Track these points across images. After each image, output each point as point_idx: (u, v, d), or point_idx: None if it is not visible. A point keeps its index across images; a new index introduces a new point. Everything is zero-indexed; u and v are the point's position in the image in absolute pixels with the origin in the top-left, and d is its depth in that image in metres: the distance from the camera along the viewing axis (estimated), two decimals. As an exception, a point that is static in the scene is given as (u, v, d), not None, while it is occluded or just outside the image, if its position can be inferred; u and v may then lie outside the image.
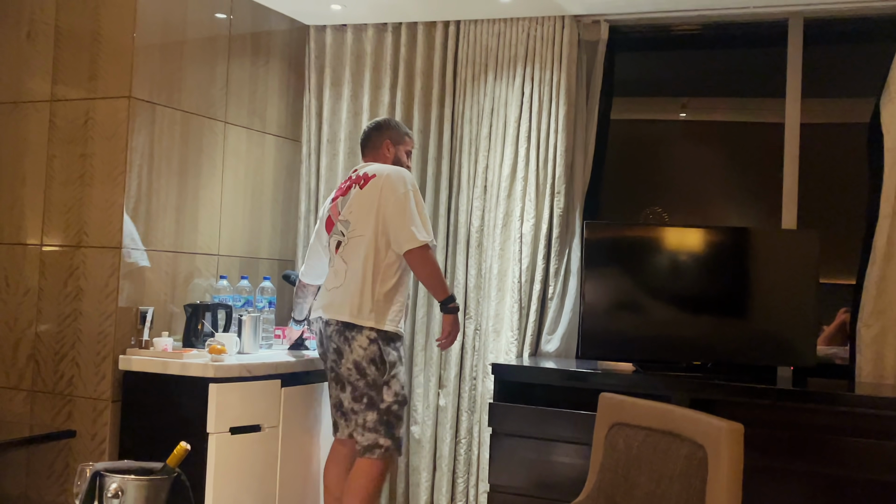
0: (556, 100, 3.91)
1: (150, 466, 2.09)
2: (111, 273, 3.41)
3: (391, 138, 3.60)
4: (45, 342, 3.54)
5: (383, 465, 3.35)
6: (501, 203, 3.96)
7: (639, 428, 2.27)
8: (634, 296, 3.60)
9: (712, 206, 4.44)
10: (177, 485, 2.15)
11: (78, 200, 3.52)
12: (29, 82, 3.65)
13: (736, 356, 3.48)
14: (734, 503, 1.94)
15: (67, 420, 3.45)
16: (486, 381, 3.91)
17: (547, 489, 3.33)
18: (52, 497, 3.47)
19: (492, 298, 3.96)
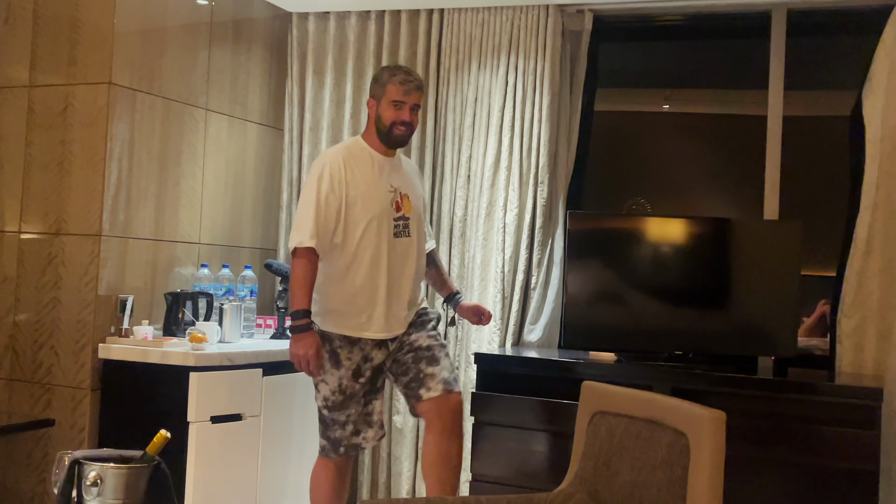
0: (539, 89, 3.90)
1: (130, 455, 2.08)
2: (91, 261, 3.38)
3: (372, 94, 3.13)
4: (24, 330, 3.50)
5: (320, 462, 3.14)
6: (485, 192, 3.95)
7: (621, 416, 2.28)
8: (617, 286, 3.60)
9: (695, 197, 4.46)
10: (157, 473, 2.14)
11: (57, 187, 3.48)
12: (7, 68, 3.60)
13: (717, 346, 3.50)
14: (716, 490, 1.95)
15: (46, 409, 3.42)
16: (468, 370, 3.90)
17: (529, 478, 3.33)
18: (30, 486, 3.44)
19: (475, 288, 3.95)
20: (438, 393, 2.94)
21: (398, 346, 3.08)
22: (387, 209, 3.02)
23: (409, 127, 3.04)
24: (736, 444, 2.31)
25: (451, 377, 3.02)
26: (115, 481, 1.96)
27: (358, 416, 3.05)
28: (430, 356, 3.03)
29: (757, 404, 3.16)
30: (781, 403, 3.14)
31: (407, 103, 3.00)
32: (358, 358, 3.03)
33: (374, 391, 3.10)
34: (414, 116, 3.05)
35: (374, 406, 3.10)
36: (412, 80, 3.03)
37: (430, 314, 3.21)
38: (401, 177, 3.12)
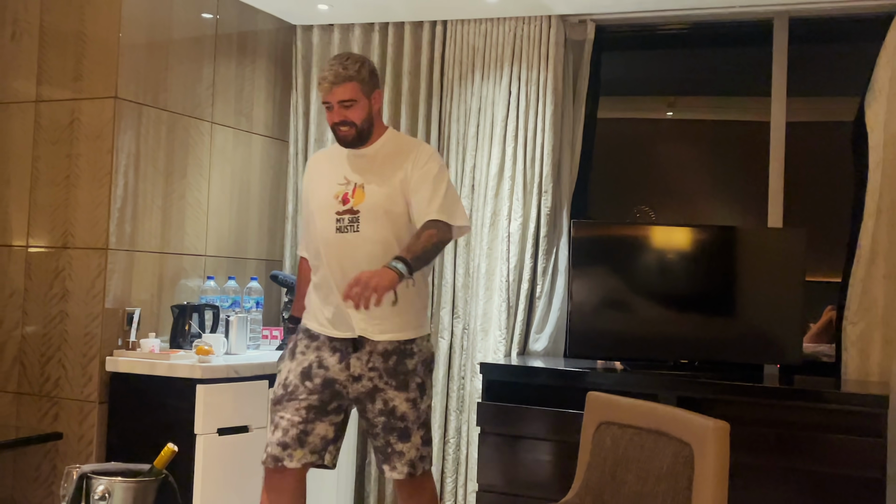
0: (542, 99, 3.91)
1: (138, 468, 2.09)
2: (97, 274, 3.40)
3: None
4: (31, 344, 3.52)
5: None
6: (489, 202, 3.97)
7: (626, 427, 2.28)
8: (622, 294, 3.61)
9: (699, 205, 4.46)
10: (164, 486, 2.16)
11: (64, 201, 3.50)
12: (14, 83, 3.63)
13: (723, 354, 3.50)
14: (721, 501, 1.95)
15: (54, 422, 3.44)
16: (474, 380, 3.91)
17: (535, 488, 3.33)
18: (38, 500, 3.45)
19: (480, 297, 3.96)
20: (402, 477, 2.71)
21: (370, 391, 2.71)
22: (329, 203, 2.74)
23: (351, 126, 2.70)
24: (742, 453, 2.31)
25: (419, 456, 2.71)
26: (124, 495, 1.97)
27: (292, 426, 2.68)
28: (403, 429, 2.69)
29: (763, 412, 3.16)
30: (787, 411, 3.14)
31: (333, 104, 2.70)
32: (312, 357, 2.73)
33: (321, 412, 2.71)
34: (349, 113, 2.68)
35: (314, 427, 2.70)
36: (326, 77, 2.69)
37: (415, 357, 2.74)
38: (367, 167, 2.76)
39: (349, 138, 2.73)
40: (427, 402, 2.76)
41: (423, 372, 2.76)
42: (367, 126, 2.74)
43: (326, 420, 2.71)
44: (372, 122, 2.76)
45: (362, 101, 2.70)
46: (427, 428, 2.77)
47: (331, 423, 2.72)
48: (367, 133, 2.75)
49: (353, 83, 2.68)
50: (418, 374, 2.73)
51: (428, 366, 2.79)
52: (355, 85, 2.69)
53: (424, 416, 2.75)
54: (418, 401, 2.72)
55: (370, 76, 2.73)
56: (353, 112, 2.70)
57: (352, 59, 2.71)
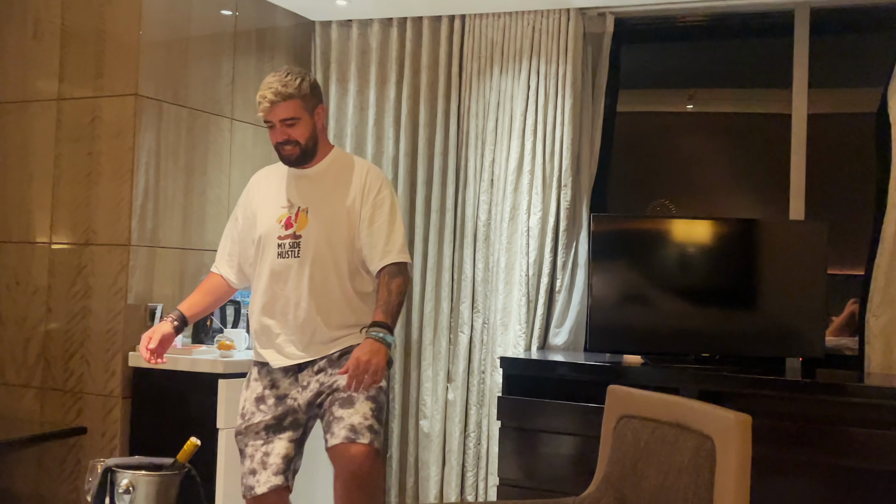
0: (561, 93, 3.90)
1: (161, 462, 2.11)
2: (120, 270, 3.43)
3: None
4: (55, 340, 3.55)
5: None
6: (508, 196, 3.96)
7: (647, 420, 2.27)
8: (642, 288, 3.60)
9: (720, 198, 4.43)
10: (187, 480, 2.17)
11: (85, 198, 3.53)
12: (35, 81, 3.66)
13: (744, 348, 3.48)
14: (743, 494, 1.94)
15: (78, 417, 3.47)
16: (494, 374, 3.91)
17: (555, 482, 3.33)
18: (63, 494, 3.49)
19: (499, 292, 3.96)
20: (339, 441, 2.51)
21: (317, 391, 2.64)
22: (272, 227, 2.67)
23: (295, 144, 2.61)
24: (764, 446, 2.30)
25: (363, 425, 2.53)
26: (147, 488, 1.98)
27: (256, 450, 2.65)
28: (345, 398, 2.57)
29: (785, 406, 3.14)
30: (810, 405, 3.11)
31: (275, 123, 2.60)
32: (265, 381, 2.70)
33: (278, 429, 2.66)
34: (292, 131, 2.59)
35: (273, 447, 2.64)
36: (265, 95, 2.58)
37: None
38: (311, 189, 2.68)
39: (293, 157, 2.64)
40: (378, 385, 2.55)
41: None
42: (312, 144, 2.65)
43: (284, 437, 2.65)
44: (317, 139, 2.66)
45: (305, 118, 2.60)
46: (378, 407, 2.58)
47: (289, 440, 2.66)
48: (312, 151, 2.66)
49: (295, 100, 2.57)
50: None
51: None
52: (297, 102, 2.58)
53: (374, 391, 2.57)
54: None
55: (312, 91, 2.63)
56: (296, 130, 2.60)
57: (292, 74, 2.60)
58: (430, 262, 4.13)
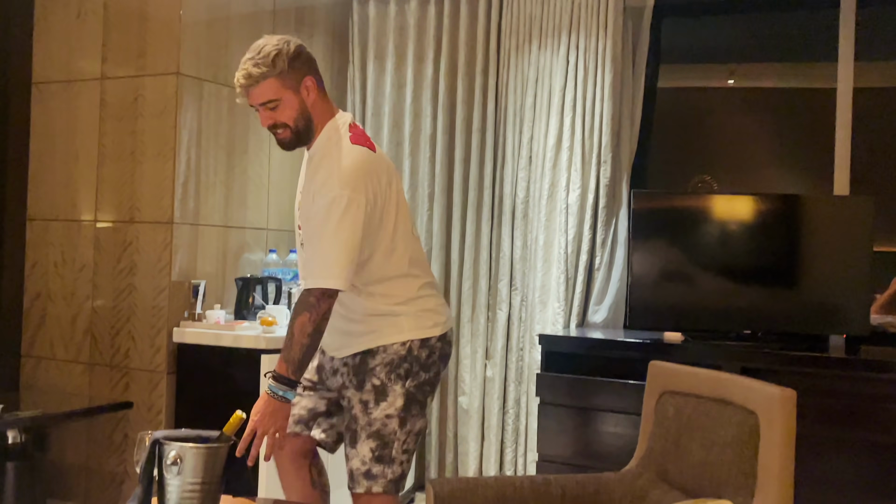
0: (601, 68, 3.86)
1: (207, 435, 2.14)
2: (164, 248, 3.47)
3: None
4: (102, 316, 3.62)
5: None
6: (547, 173, 3.95)
7: (689, 396, 2.27)
8: (683, 265, 3.57)
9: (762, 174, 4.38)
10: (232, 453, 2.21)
11: (129, 177, 3.58)
12: (80, 62, 3.71)
13: (787, 325, 3.45)
14: (787, 469, 1.93)
15: (125, 392, 3.54)
16: (532, 351, 3.92)
17: (595, 458, 3.34)
18: (111, 467, 3.57)
19: (538, 270, 3.95)
20: (346, 485, 2.39)
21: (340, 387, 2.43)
22: (296, 216, 2.48)
23: (284, 127, 2.29)
24: (807, 424, 2.28)
25: (361, 471, 2.34)
26: (195, 460, 2.01)
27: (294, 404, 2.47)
28: (353, 433, 2.36)
29: (829, 383, 3.11)
30: (854, 382, 3.08)
31: (255, 107, 2.31)
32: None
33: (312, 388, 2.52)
34: (277, 115, 2.27)
35: (300, 399, 2.50)
36: (238, 79, 2.28)
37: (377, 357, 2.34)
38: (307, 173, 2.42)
39: (287, 141, 2.32)
40: (386, 410, 2.31)
41: (385, 374, 2.32)
42: (304, 124, 2.30)
43: (316, 394, 2.50)
44: (309, 117, 2.30)
45: (288, 97, 2.25)
46: (383, 442, 2.31)
47: (321, 396, 2.50)
48: (307, 130, 2.31)
49: (270, 80, 2.22)
50: (376, 375, 2.33)
51: (394, 369, 2.32)
52: (272, 82, 2.23)
53: (379, 425, 2.31)
54: (370, 405, 2.32)
55: (290, 66, 2.24)
56: (281, 113, 2.26)
57: (263, 52, 2.24)
58: (468, 240, 4.13)
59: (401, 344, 2.34)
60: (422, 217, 4.22)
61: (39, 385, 3.74)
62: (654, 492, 2.25)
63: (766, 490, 1.94)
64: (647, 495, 2.25)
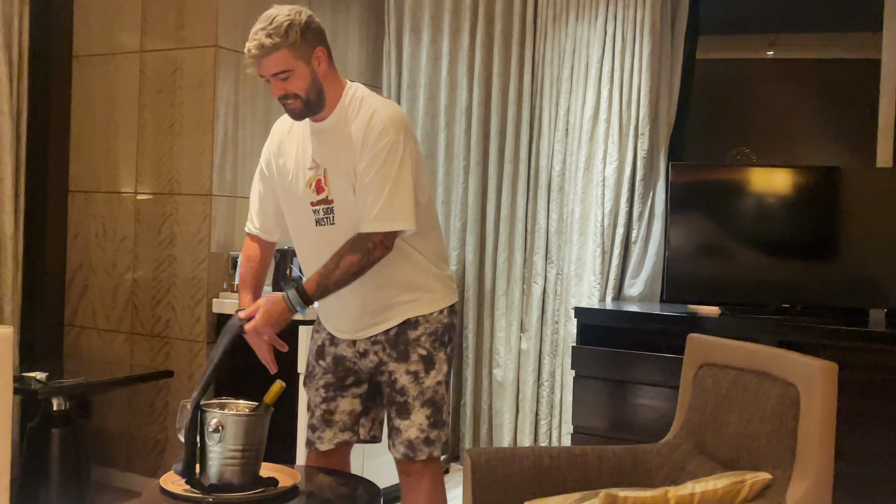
0: (639, 39, 3.82)
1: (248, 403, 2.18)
2: (203, 219, 3.51)
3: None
4: (142, 287, 3.68)
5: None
6: (583, 146, 3.92)
7: (728, 368, 2.26)
8: (721, 238, 3.54)
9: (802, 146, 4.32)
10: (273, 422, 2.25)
11: (169, 149, 3.62)
12: (119, 35, 3.74)
13: (826, 298, 3.41)
14: (828, 442, 1.92)
15: (165, 361, 3.60)
16: (567, 324, 3.92)
17: (630, 430, 3.34)
18: (152, 434, 3.64)
19: (574, 243, 3.95)
20: (399, 457, 2.40)
21: (377, 365, 2.42)
22: (302, 193, 2.36)
23: (295, 98, 2.26)
24: (847, 398, 2.26)
25: (420, 438, 2.36)
26: (236, 428, 2.04)
27: (316, 406, 2.50)
28: (402, 404, 2.38)
29: (869, 357, 3.08)
30: (894, 356, 3.05)
31: (267, 78, 2.26)
32: (324, 334, 2.52)
33: (339, 387, 2.48)
34: (289, 85, 2.24)
35: (337, 405, 2.47)
36: (249, 49, 2.24)
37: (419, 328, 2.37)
38: (329, 146, 2.34)
39: (297, 111, 2.29)
40: (436, 378, 2.37)
41: (431, 344, 2.37)
42: (315, 94, 2.26)
43: (348, 394, 2.48)
44: (321, 88, 2.27)
45: (300, 68, 2.22)
46: (436, 408, 2.38)
47: (353, 395, 2.48)
48: (318, 102, 2.28)
49: (282, 51, 2.20)
50: (422, 346, 2.36)
51: (438, 338, 2.38)
52: (285, 53, 2.20)
53: (431, 393, 2.37)
54: (421, 374, 2.36)
55: (303, 37, 2.22)
56: (292, 83, 2.23)
57: (275, 23, 2.21)
58: (503, 213, 4.13)
59: (439, 312, 2.39)
60: (457, 189, 4.23)
61: (82, 354, 3.82)
62: (691, 464, 2.26)
63: (806, 463, 1.94)
64: (685, 467, 2.26)
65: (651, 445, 2.39)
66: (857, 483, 2.97)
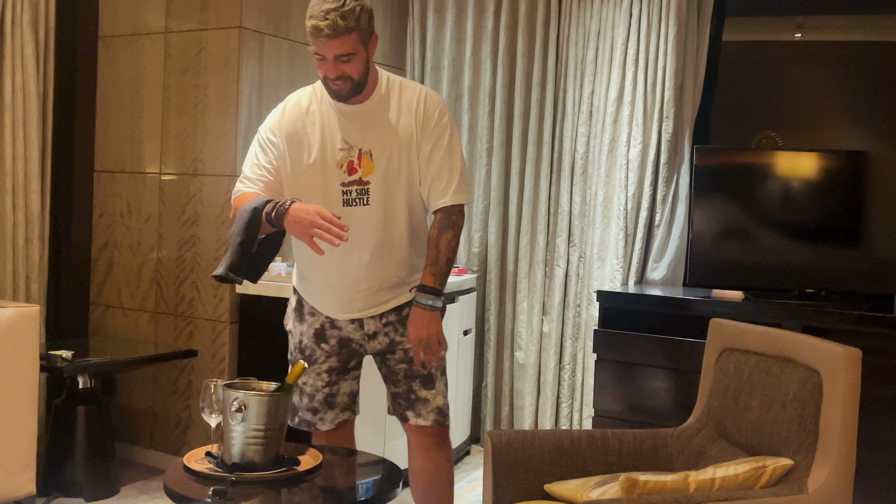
0: (665, 20, 3.79)
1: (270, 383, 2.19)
2: (226, 200, 3.53)
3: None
4: (167, 266, 3.70)
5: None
6: (607, 128, 3.90)
7: (751, 353, 2.25)
8: (745, 222, 3.52)
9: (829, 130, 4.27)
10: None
11: (193, 130, 3.63)
12: (144, 15, 3.76)
13: (851, 284, 3.39)
14: (850, 428, 1.91)
15: (189, 340, 3.63)
16: (590, 308, 3.91)
17: (652, 414, 3.34)
18: (176, 412, 3.68)
19: (596, 226, 3.93)
20: (429, 423, 2.46)
21: (388, 346, 2.47)
22: (331, 172, 2.37)
23: (347, 80, 2.28)
24: (871, 384, 2.25)
25: (446, 404, 2.49)
26: (258, 408, 2.06)
27: (317, 391, 2.51)
28: (426, 376, 2.45)
29: (894, 344, 3.06)
30: (920, 343, 3.03)
31: (327, 57, 2.25)
32: (322, 318, 2.50)
33: (343, 371, 2.53)
34: (346, 67, 2.25)
35: (339, 388, 2.53)
36: (321, 29, 2.21)
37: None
38: (369, 128, 2.37)
39: (343, 92, 2.31)
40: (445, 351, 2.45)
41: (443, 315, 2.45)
42: (365, 78, 2.31)
43: (349, 377, 2.55)
44: (369, 72, 2.32)
45: (361, 52, 2.26)
46: (446, 377, 2.52)
47: (353, 377, 2.56)
48: (363, 85, 2.32)
49: (353, 34, 2.22)
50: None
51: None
52: (354, 36, 2.23)
53: (444, 363, 2.49)
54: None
55: (369, 22, 2.28)
56: (351, 66, 2.26)
57: (347, 5, 2.21)
58: (526, 196, 4.12)
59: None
60: (480, 172, 4.22)
61: (107, 332, 3.86)
62: (712, 448, 2.25)
63: (828, 448, 1.93)
64: (706, 451, 2.26)
65: (672, 429, 2.39)
66: (880, 470, 2.96)
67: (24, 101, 3.51)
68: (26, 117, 3.51)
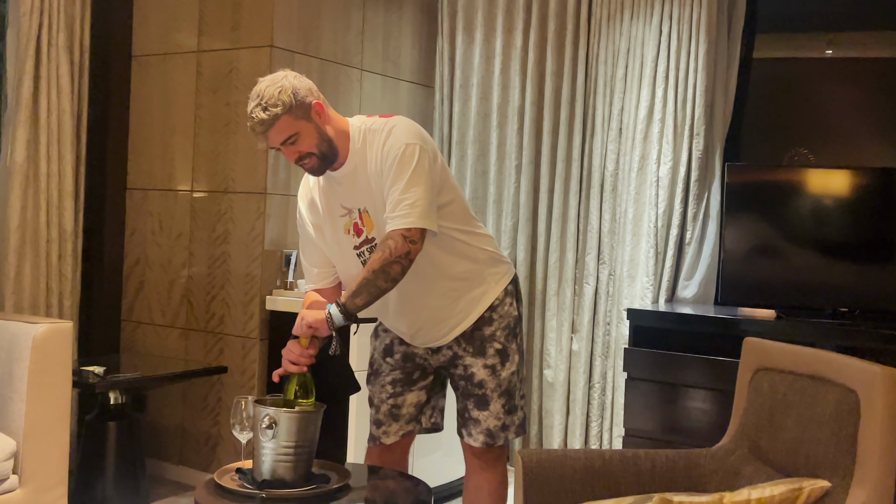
0: (695, 38, 3.78)
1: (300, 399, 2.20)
2: (257, 217, 3.55)
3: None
4: (197, 283, 3.73)
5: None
6: (637, 146, 3.89)
7: (785, 372, 2.22)
8: (777, 240, 3.49)
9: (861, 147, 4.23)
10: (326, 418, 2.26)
11: (224, 148, 3.66)
12: (177, 35, 3.81)
13: (885, 303, 3.34)
14: (889, 450, 1.88)
15: (219, 357, 3.65)
16: (620, 326, 3.88)
17: (683, 434, 3.30)
18: (206, 428, 3.69)
19: (626, 243, 3.91)
20: (477, 445, 2.49)
21: (451, 359, 2.51)
22: (343, 241, 2.40)
23: (310, 156, 2.27)
24: (909, 404, 2.21)
25: (498, 426, 2.48)
26: (289, 424, 2.06)
27: (382, 402, 2.57)
28: (481, 396, 2.47)
29: (931, 364, 3.01)
30: (958, 363, 2.97)
31: (277, 147, 2.27)
32: (392, 335, 2.58)
33: (407, 382, 2.56)
34: (300, 147, 2.24)
35: (405, 399, 2.56)
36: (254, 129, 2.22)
37: (493, 324, 2.46)
38: (356, 188, 2.35)
39: (316, 168, 2.31)
40: (511, 368, 2.48)
41: (505, 337, 2.48)
42: (327, 147, 2.28)
43: (415, 388, 2.57)
44: (329, 138, 2.28)
45: (304, 127, 2.23)
46: (510, 396, 2.49)
47: (420, 388, 2.58)
48: (332, 152, 2.29)
49: (283, 118, 2.20)
50: (497, 340, 2.46)
51: (511, 331, 2.49)
52: (286, 119, 2.20)
53: (507, 383, 2.48)
54: (498, 367, 2.46)
55: (296, 98, 2.21)
56: (302, 144, 2.25)
57: (267, 95, 2.20)
58: (555, 213, 4.11)
59: (504, 299, 2.48)
60: (509, 189, 4.22)
61: (138, 348, 3.89)
62: (746, 469, 2.22)
63: (866, 470, 1.89)
64: (740, 472, 2.22)
65: (705, 450, 2.36)
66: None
67: (59, 119, 3.56)
68: (61, 136, 3.56)
